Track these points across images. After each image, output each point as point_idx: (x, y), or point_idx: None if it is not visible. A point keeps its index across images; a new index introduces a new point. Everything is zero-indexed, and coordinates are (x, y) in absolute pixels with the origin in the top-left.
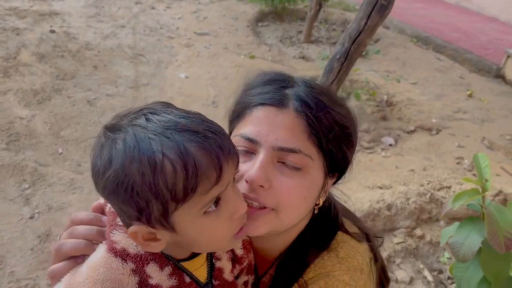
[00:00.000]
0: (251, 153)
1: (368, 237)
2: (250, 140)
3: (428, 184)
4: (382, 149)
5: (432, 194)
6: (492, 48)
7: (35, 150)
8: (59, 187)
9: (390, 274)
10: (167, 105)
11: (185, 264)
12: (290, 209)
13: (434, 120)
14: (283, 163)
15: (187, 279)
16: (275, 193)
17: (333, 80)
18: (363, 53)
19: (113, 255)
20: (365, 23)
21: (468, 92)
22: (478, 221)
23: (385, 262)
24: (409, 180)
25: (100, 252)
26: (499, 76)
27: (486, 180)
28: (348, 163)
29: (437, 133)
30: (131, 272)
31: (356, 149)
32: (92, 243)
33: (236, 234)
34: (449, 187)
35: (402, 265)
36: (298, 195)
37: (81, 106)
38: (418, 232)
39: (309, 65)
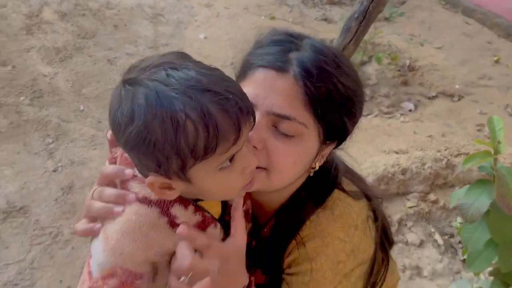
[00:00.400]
0: None
1: (367, 197)
2: None
3: (445, 150)
4: (401, 114)
5: (448, 160)
6: None
7: (58, 107)
8: (81, 142)
9: (400, 237)
10: (184, 57)
11: (202, 204)
12: (280, 172)
13: (457, 86)
14: (278, 129)
15: (208, 215)
16: (267, 154)
17: (351, 40)
18: (388, 16)
19: (138, 203)
20: None
21: (495, 58)
22: (488, 183)
23: (397, 225)
24: (427, 146)
25: (125, 208)
26: None
27: (499, 142)
28: (348, 133)
29: (459, 99)
30: (159, 215)
31: (375, 113)
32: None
33: (246, 185)
34: (467, 154)
35: (413, 228)
36: (289, 160)
37: (102, 65)
38: (432, 197)
39: (331, 27)
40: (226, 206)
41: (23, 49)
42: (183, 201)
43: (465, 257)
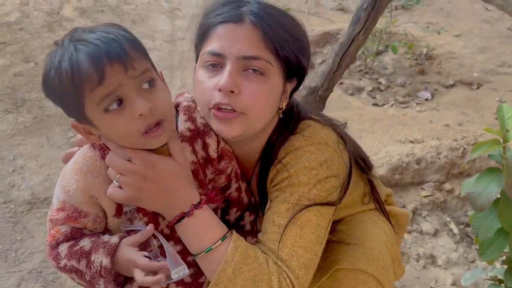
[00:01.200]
0: (220, 67)
1: (332, 125)
2: (216, 54)
3: (462, 139)
4: (417, 104)
5: (465, 149)
6: None
7: None
8: None
9: (415, 226)
10: (105, 24)
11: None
12: (257, 111)
13: (475, 74)
14: (248, 71)
15: None
16: (243, 97)
17: (360, 31)
18: (404, 5)
19: (89, 146)
20: None
21: None
22: (498, 172)
23: (411, 214)
24: (443, 135)
25: (82, 148)
26: None
27: (507, 131)
28: (304, 69)
29: (478, 87)
30: (100, 158)
31: (390, 103)
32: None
33: (145, 133)
34: None
35: (428, 218)
36: (262, 97)
37: None
38: (447, 186)
39: (347, 17)
40: None
41: (45, 46)
42: (120, 147)
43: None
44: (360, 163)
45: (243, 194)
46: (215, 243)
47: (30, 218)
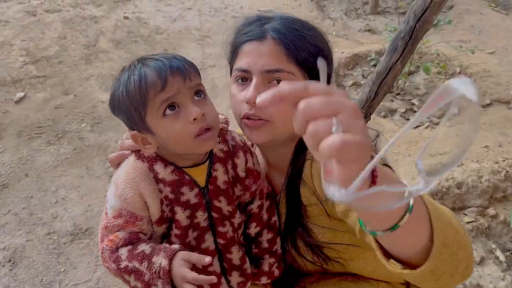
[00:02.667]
0: (248, 81)
1: None
2: (243, 70)
3: (503, 161)
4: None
5: (507, 172)
6: None
7: (115, 132)
8: None
9: None
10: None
11: (188, 170)
12: (281, 119)
13: None
14: (273, 82)
15: (187, 177)
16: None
17: (397, 60)
18: (435, 23)
19: (136, 158)
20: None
21: None
22: None
23: None
24: (483, 157)
25: (129, 160)
26: None
27: None
28: (328, 76)
29: None
30: (148, 170)
31: (425, 124)
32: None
33: (197, 136)
34: None
35: (473, 245)
36: (286, 107)
37: None
38: (491, 211)
39: (375, 38)
40: (210, 176)
41: (83, 78)
42: (164, 161)
43: None
44: None
45: (263, 211)
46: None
47: (72, 249)
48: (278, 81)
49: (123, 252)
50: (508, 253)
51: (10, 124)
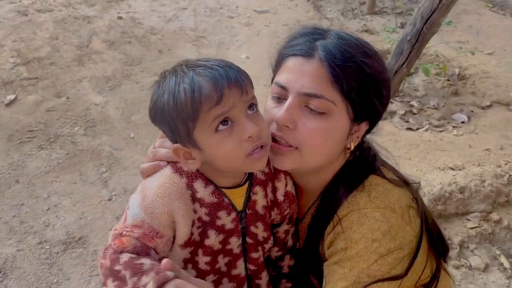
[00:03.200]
0: (283, 99)
1: (406, 182)
2: (281, 87)
3: (505, 164)
4: (454, 127)
5: (510, 175)
6: None
7: (109, 135)
8: (133, 170)
9: (463, 261)
10: (214, 59)
11: (226, 191)
12: (312, 149)
13: None
14: (309, 107)
15: (226, 201)
16: (298, 133)
17: (403, 63)
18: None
19: (174, 171)
20: (440, 0)
21: None
22: None
23: (458, 248)
24: (484, 161)
25: (165, 171)
26: None
27: None
28: (378, 113)
29: None
30: (186, 186)
31: (425, 127)
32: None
33: (250, 155)
34: None
35: (477, 251)
36: (319, 137)
37: (149, 91)
38: (495, 216)
39: (373, 38)
40: (249, 199)
41: (76, 79)
42: (206, 180)
43: None
44: (435, 238)
45: (289, 237)
46: None
47: (65, 259)
48: (315, 110)
49: (124, 256)
50: None
51: (0, 127)
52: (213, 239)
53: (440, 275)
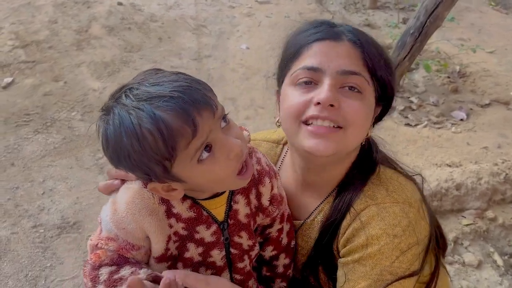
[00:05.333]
0: (314, 84)
1: (410, 177)
2: (313, 69)
3: (502, 163)
4: (452, 124)
5: (507, 174)
6: None
7: None
8: None
9: (457, 257)
10: (150, 73)
11: (204, 203)
12: (356, 128)
13: None
14: (344, 88)
15: (205, 213)
16: (343, 112)
17: (405, 56)
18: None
19: (145, 187)
20: None
21: None
22: None
23: (452, 244)
24: (481, 158)
25: (134, 185)
26: None
27: None
28: (393, 94)
29: None
30: (160, 202)
31: (424, 123)
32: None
33: (239, 173)
34: None
35: (471, 248)
36: (363, 115)
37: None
38: (490, 214)
39: (375, 33)
40: (230, 209)
41: (74, 64)
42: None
43: None
44: (437, 233)
45: (283, 235)
46: None
47: (59, 243)
48: (351, 88)
49: (104, 272)
50: (506, 257)
51: None
52: (193, 251)
53: (439, 271)
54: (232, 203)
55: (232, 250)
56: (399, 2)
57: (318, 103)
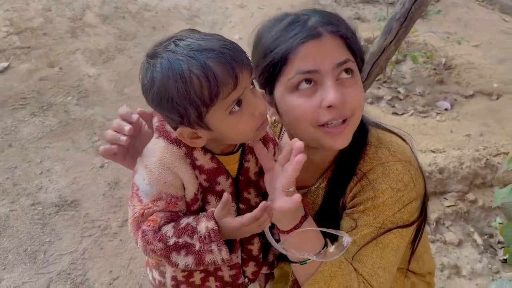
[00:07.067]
0: (314, 84)
1: (405, 140)
2: (309, 72)
3: (484, 149)
4: (437, 113)
5: (487, 159)
6: None
7: (102, 106)
8: None
9: (438, 236)
10: (191, 31)
11: (221, 158)
12: (359, 111)
13: (495, 85)
14: (340, 76)
15: (223, 166)
16: (348, 103)
17: (391, 41)
18: (423, 14)
19: (170, 142)
20: None
21: None
22: None
23: (434, 224)
24: (464, 145)
25: (159, 145)
26: None
27: None
28: (363, 57)
29: (498, 98)
30: (185, 155)
31: (410, 112)
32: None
33: (260, 126)
34: (506, 153)
35: (452, 228)
36: (362, 98)
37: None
38: (471, 196)
39: (364, 26)
40: (242, 167)
41: (69, 51)
42: (204, 148)
43: (505, 257)
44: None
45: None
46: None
47: (58, 220)
48: (346, 71)
49: (168, 229)
50: (485, 236)
51: None
52: (213, 205)
53: (424, 226)
54: (244, 161)
55: (241, 205)
56: None
57: (330, 106)
